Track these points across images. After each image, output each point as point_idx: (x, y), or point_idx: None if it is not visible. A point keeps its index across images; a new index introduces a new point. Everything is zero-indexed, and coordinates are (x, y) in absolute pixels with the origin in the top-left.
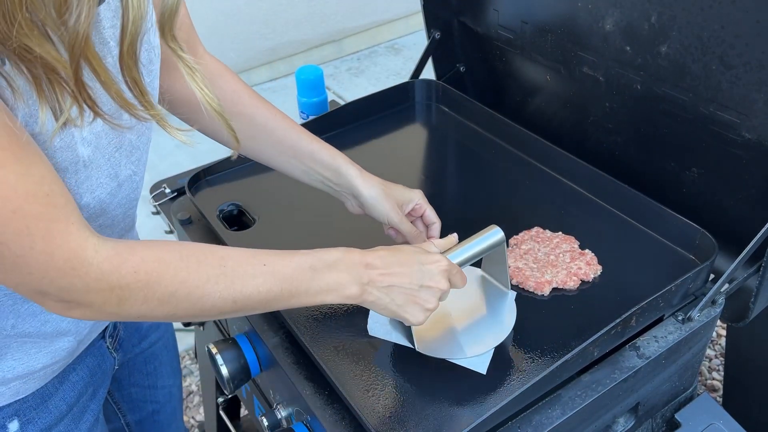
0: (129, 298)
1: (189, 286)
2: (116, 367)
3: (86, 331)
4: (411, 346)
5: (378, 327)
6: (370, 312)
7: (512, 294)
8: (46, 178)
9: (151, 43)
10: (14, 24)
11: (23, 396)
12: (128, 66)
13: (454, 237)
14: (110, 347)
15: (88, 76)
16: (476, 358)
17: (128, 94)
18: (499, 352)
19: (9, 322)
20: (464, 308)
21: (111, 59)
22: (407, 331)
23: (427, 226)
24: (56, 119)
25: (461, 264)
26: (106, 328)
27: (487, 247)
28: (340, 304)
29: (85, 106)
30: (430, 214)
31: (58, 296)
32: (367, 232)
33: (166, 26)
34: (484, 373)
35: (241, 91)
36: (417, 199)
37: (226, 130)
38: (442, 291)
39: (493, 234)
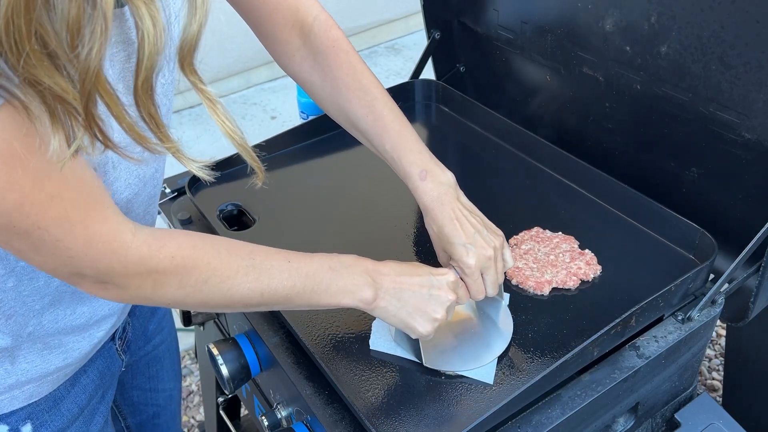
0: (164, 282)
1: (221, 275)
2: (122, 369)
3: (101, 334)
4: (415, 360)
5: (381, 342)
6: (373, 327)
7: (506, 299)
8: (79, 166)
9: (167, 76)
10: (22, 55)
11: (36, 399)
12: (143, 100)
13: None
14: (119, 349)
15: (100, 108)
16: (482, 369)
17: (143, 127)
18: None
19: (27, 330)
20: (461, 318)
21: (126, 92)
22: (414, 345)
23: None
24: (69, 145)
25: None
26: (117, 330)
27: None
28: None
29: (95, 138)
30: (476, 288)
31: (96, 278)
32: (369, 232)
33: (186, 60)
34: (492, 383)
35: (338, 80)
36: (464, 266)
37: (250, 163)
38: (451, 301)
39: None
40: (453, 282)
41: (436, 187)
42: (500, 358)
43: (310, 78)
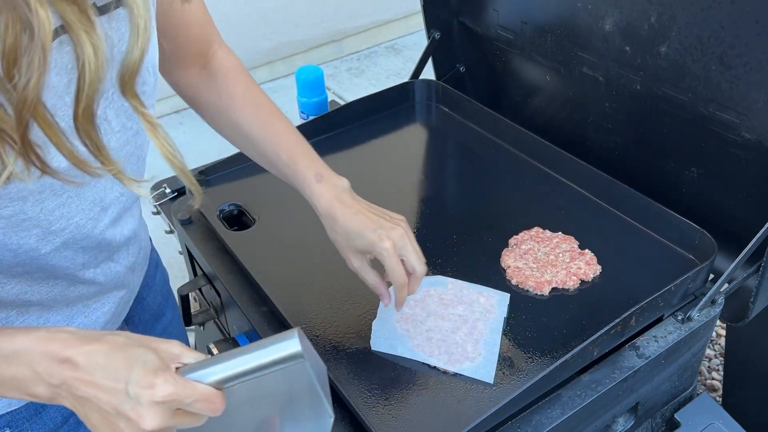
0: None
1: None
2: None
3: None
4: (415, 360)
5: (381, 342)
6: (373, 327)
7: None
8: None
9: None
10: None
11: (17, 407)
12: (84, 127)
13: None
14: None
15: (39, 133)
16: (482, 369)
17: (82, 151)
18: (499, 352)
19: None
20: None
21: (65, 116)
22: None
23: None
24: None
25: (220, 383)
26: None
27: (267, 363)
28: (341, 303)
29: (32, 164)
30: (403, 263)
31: None
32: None
33: (127, 85)
34: (492, 383)
35: (234, 97)
36: (381, 250)
37: (188, 186)
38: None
39: (284, 345)
40: (159, 402)
41: (333, 189)
42: (500, 358)
43: (206, 97)
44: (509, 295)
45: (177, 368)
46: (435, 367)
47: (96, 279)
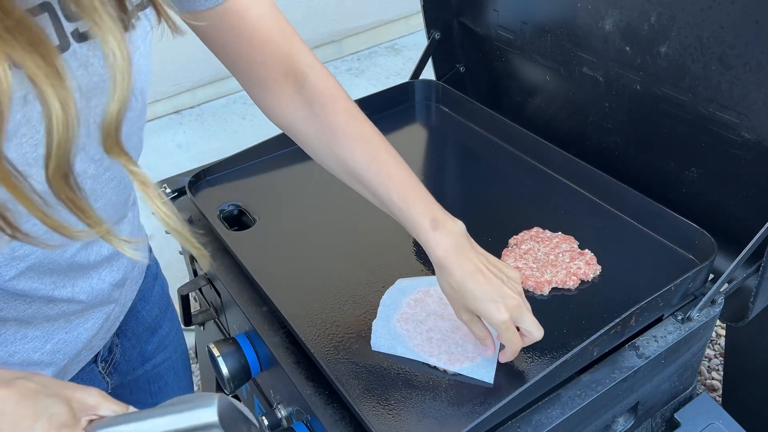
0: None
1: None
2: (109, 391)
3: (65, 362)
4: (415, 360)
5: (382, 342)
6: (373, 327)
7: None
8: None
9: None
10: None
11: None
12: (60, 189)
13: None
14: (103, 371)
15: (5, 195)
16: (482, 369)
17: (62, 213)
18: (499, 351)
19: None
20: None
21: (39, 176)
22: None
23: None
24: None
25: None
26: (98, 353)
27: (182, 429)
28: (341, 303)
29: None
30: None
31: None
32: (370, 232)
33: (107, 140)
34: (491, 383)
35: (336, 129)
36: (499, 323)
37: (188, 249)
38: None
39: (200, 413)
40: None
41: (450, 238)
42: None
43: (305, 128)
44: None
45: (92, 420)
46: (435, 367)
47: (76, 297)
